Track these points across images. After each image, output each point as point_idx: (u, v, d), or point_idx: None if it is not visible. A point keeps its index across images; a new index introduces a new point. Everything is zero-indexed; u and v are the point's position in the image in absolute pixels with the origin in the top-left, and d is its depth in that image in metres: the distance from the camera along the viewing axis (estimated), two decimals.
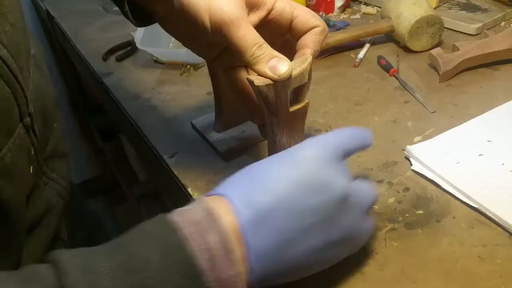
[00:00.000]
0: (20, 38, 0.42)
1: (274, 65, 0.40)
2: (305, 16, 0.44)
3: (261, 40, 0.40)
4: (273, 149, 0.47)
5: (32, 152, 0.45)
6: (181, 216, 0.34)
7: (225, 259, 0.32)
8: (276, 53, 0.41)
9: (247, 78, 0.42)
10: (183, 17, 0.42)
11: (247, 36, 0.40)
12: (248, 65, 0.41)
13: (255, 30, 0.40)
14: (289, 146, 0.46)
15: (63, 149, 0.54)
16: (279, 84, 0.41)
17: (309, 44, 0.44)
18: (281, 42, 0.46)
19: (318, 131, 0.61)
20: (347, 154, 0.39)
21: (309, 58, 0.42)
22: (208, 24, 0.40)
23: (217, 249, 0.32)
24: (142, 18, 0.48)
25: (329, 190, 0.36)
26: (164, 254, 0.31)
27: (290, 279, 0.38)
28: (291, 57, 0.43)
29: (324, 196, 0.36)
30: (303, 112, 0.45)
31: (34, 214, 0.47)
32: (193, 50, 0.49)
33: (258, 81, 0.40)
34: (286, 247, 0.35)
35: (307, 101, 0.45)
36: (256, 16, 0.43)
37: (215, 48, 0.48)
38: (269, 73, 0.40)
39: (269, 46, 0.41)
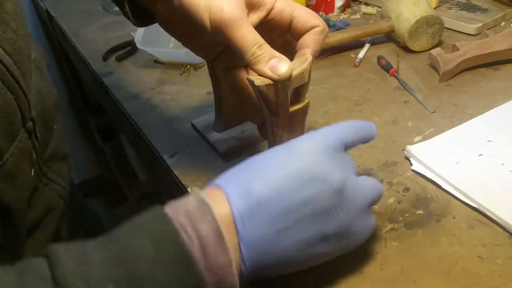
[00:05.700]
0: (22, 44, 0.42)
1: (274, 65, 0.40)
2: (304, 16, 0.44)
3: (261, 40, 0.40)
4: None
5: (34, 156, 0.45)
6: (173, 207, 0.34)
7: (216, 247, 0.32)
8: (276, 53, 0.41)
9: (247, 78, 0.42)
10: (183, 17, 0.42)
11: (247, 36, 0.40)
12: (248, 65, 0.41)
13: (255, 30, 0.40)
14: None
15: (63, 151, 0.54)
16: (279, 84, 0.40)
17: (309, 44, 0.44)
18: (281, 43, 0.46)
19: None
20: (347, 146, 0.39)
21: (309, 58, 0.42)
22: (208, 23, 0.40)
23: (208, 237, 0.32)
24: (142, 18, 0.48)
25: (324, 181, 0.36)
26: (156, 244, 0.32)
27: (282, 272, 0.37)
28: (291, 57, 0.43)
29: (319, 187, 0.35)
30: (303, 112, 0.45)
31: (35, 216, 0.47)
32: (193, 50, 0.49)
33: (258, 81, 0.40)
34: (278, 238, 0.35)
35: (307, 101, 0.45)
36: (256, 16, 0.43)
37: (215, 48, 0.48)
38: (269, 73, 0.40)
39: (269, 46, 0.41)
